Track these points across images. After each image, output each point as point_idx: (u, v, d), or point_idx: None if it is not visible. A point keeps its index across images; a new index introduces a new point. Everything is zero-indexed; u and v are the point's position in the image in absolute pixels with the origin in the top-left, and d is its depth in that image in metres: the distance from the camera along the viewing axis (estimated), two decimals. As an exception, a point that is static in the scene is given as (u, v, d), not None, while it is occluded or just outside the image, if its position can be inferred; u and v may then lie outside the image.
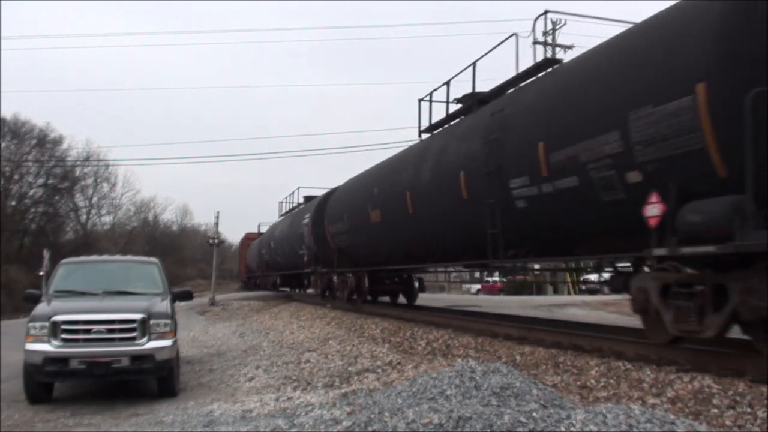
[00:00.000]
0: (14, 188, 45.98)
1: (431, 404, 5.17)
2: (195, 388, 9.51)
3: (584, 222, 8.30)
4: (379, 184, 15.28)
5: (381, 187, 15.03)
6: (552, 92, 8.88)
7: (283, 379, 9.20)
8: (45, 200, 47.61)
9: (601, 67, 7.93)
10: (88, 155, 51.70)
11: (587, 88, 8.00)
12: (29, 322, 8.52)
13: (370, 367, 9.14)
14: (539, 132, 8.70)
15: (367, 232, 16.02)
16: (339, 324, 14.89)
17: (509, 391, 5.64)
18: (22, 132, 45.70)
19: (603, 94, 7.61)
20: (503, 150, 9.51)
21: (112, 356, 8.37)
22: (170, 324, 8.85)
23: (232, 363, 11.59)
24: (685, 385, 5.81)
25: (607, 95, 7.52)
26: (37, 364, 8.29)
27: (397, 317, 14.37)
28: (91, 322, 8.43)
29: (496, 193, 9.64)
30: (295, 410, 6.59)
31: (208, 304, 29.46)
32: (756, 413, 5.00)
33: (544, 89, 9.22)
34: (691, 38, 6.43)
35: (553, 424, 4.36)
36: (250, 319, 20.71)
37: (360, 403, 6.12)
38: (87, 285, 9.81)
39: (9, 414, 8.07)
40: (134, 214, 63.83)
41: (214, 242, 33.32)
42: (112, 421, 7.48)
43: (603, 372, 6.79)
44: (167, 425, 6.73)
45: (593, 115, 7.67)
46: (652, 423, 4.20)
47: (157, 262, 10.80)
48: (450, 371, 6.27)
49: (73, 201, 51.81)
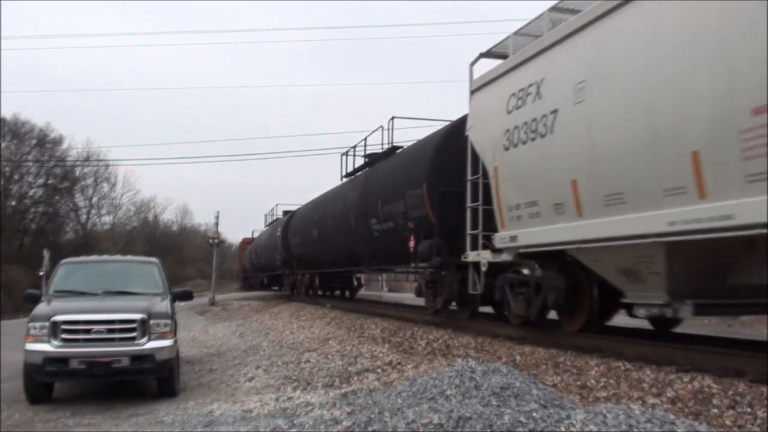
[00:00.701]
0: (14, 188, 45.97)
1: (431, 404, 5.17)
2: (195, 388, 9.51)
3: (397, 248, 13.84)
4: (317, 211, 21.66)
5: (318, 214, 21.31)
6: (384, 171, 15.39)
7: (283, 379, 9.21)
8: (45, 200, 47.59)
9: (399, 162, 14.49)
10: (88, 155, 51.74)
11: (395, 172, 14.37)
12: (29, 322, 8.52)
13: (370, 367, 9.14)
14: (380, 193, 14.73)
15: (311, 245, 22.31)
16: (339, 324, 14.89)
17: (509, 391, 5.63)
18: (22, 132, 45.71)
19: (398, 179, 13.79)
20: (367, 201, 15.64)
21: (112, 356, 8.37)
22: (170, 324, 8.85)
23: (232, 363, 11.59)
24: (685, 385, 5.81)
25: (399, 180, 13.68)
26: (37, 364, 8.28)
27: (397, 317, 14.39)
28: (91, 322, 8.43)
29: (364, 227, 15.77)
30: (295, 410, 6.59)
31: (208, 304, 29.50)
32: (756, 413, 5.00)
33: (384, 168, 15.64)
34: (424, 159, 12.50)
35: (553, 424, 4.36)
36: (250, 319, 20.72)
37: (360, 403, 6.12)
38: (87, 285, 9.81)
39: (9, 414, 8.07)
40: (134, 214, 63.88)
41: (214, 242, 33.37)
42: (112, 421, 7.48)
43: (603, 372, 6.79)
44: (167, 425, 6.72)
45: (396, 189, 13.69)
46: (652, 423, 4.20)
47: (157, 262, 10.80)
48: (450, 371, 6.27)
49: (73, 201, 51.83)
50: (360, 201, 16.15)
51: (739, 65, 5.62)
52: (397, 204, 13.47)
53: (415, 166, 12.76)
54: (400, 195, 13.25)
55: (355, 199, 16.76)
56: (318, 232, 20.74)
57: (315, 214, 21.70)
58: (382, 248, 15.07)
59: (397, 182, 13.62)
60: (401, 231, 13.37)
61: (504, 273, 10.05)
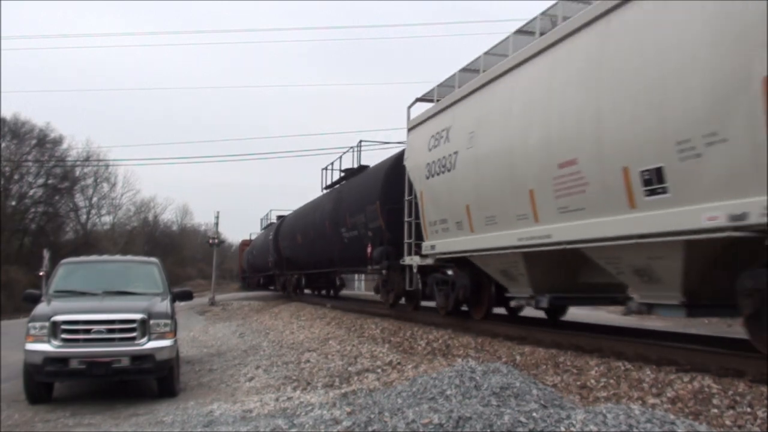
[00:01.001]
0: (14, 188, 45.90)
1: (431, 404, 5.17)
2: (195, 388, 9.51)
3: (360, 253, 16.22)
4: (302, 219, 24.79)
5: (302, 221, 24.31)
6: (350, 188, 18.42)
7: (283, 379, 9.20)
8: (45, 200, 47.54)
9: (361, 182, 17.35)
10: (88, 155, 51.64)
11: (358, 190, 17.10)
12: (29, 322, 8.52)
13: (370, 367, 9.14)
14: (347, 207, 17.57)
15: (296, 248, 25.17)
16: (339, 324, 14.90)
17: (509, 391, 5.63)
18: (22, 132, 45.63)
19: (360, 195, 16.51)
20: (338, 212, 18.49)
21: (112, 356, 8.37)
22: (170, 324, 8.85)
23: (232, 363, 11.59)
24: (685, 385, 5.81)
25: (361, 196, 16.41)
26: (37, 364, 8.28)
27: (397, 317, 14.39)
28: (91, 322, 8.43)
29: (336, 234, 18.62)
30: (295, 410, 6.59)
31: (208, 304, 29.51)
32: (756, 413, 5.00)
33: (350, 185, 18.70)
34: (377, 181, 15.30)
35: (553, 424, 4.37)
36: (250, 319, 20.72)
37: (360, 403, 6.12)
38: (87, 285, 9.81)
39: (9, 414, 8.07)
40: (134, 214, 63.77)
41: (214, 242, 33.37)
42: (112, 421, 7.48)
43: (603, 372, 6.79)
44: (167, 425, 6.72)
45: (358, 204, 16.44)
46: (652, 423, 4.20)
47: (157, 262, 10.80)
48: (450, 371, 6.27)
49: (73, 201, 51.75)
50: (333, 212, 19.07)
51: (551, 128, 7.95)
52: (359, 216, 16.24)
53: (372, 187, 15.58)
54: (361, 209, 16.12)
55: (329, 210, 19.60)
56: (302, 237, 23.70)
57: (300, 221, 24.89)
58: (349, 253, 17.78)
59: (359, 198, 16.47)
60: (362, 239, 16.07)
61: (433, 273, 12.63)
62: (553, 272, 8.98)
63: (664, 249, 6.58)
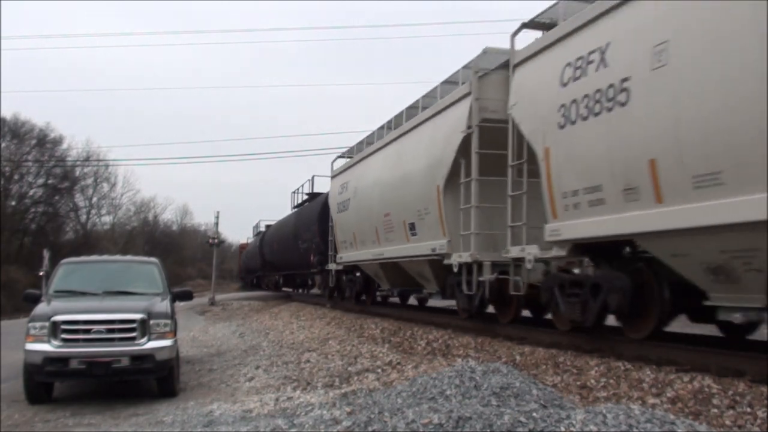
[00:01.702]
0: (14, 188, 45.82)
1: (431, 404, 5.17)
2: (195, 388, 9.51)
3: (309, 260, 22.28)
4: (277, 231, 31.66)
5: (278, 233, 30.84)
6: (303, 212, 25.56)
7: (283, 379, 9.20)
8: (45, 200, 47.46)
9: (309, 208, 24.33)
10: (88, 155, 51.51)
11: (307, 214, 24.11)
12: (29, 322, 8.52)
13: (370, 367, 9.14)
14: (302, 225, 24.13)
15: (275, 253, 31.43)
16: (339, 324, 14.90)
17: (509, 391, 5.63)
18: (22, 132, 45.53)
19: (308, 218, 23.37)
20: (297, 229, 24.98)
21: (112, 356, 8.37)
22: (170, 324, 8.85)
23: (232, 363, 11.59)
24: (685, 385, 5.80)
25: (309, 219, 23.13)
26: (37, 364, 8.28)
27: (397, 317, 14.40)
28: (91, 322, 8.43)
29: (296, 245, 24.66)
30: (295, 410, 6.58)
31: (208, 304, 29.48)
32: (756, 413, 5.00)
33: (304, 209, 25.83)
34: (316, 210, 21.99)
35: (553, 424, 4.37)
36: (250, 319, 20.73)
37: (360, 403, 6.12)
38: (87, 285, 9.81)
39: (9, 414, 8.07)
40: (134, 214, 63.65)
41: (213, 242, 33.35)
42: (112, 421, 7.48)
43: (603, 372, 6.79)
44: (167, 425, 6.72)
45: (307, 224, 23.15)
46: (652, 423, 4.20)
47: (157, 262, 10.80)
48: (450, 371, 6.27)
49: (73, 201, 51.66)
50: (294, 228, 25.77)
51: (383, 191, 14.48)
52: (308, 233, 22.85)
53: (313, 214, 22.20)
54: (308, 228, 22.76)
55: (292, 226, 26.51)
56: (277, 245, 30.27)
57: (277, 232, 31.90)
58: (303, 260, 23.81)
59: (308, 220, 23.23)
60: (309, 250, 22.48)
61: (347, 275, 18.64)
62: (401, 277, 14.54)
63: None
